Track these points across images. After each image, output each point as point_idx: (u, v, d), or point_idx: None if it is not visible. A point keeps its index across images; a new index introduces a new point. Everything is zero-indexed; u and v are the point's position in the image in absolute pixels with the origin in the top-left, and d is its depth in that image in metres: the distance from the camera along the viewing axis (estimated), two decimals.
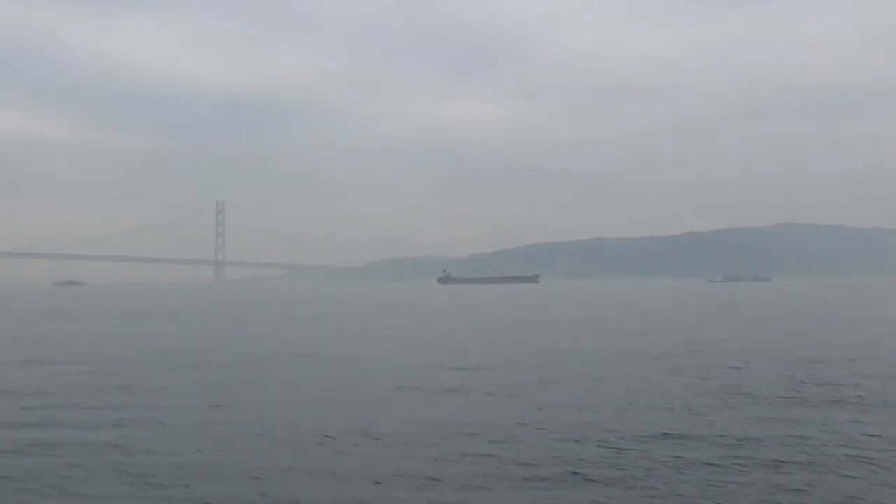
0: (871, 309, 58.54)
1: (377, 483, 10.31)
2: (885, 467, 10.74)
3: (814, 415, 14.28)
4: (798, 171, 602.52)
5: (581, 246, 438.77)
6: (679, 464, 10.95)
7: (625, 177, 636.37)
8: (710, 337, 31.52)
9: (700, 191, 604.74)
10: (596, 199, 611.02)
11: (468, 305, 75.04)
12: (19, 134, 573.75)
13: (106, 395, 17.30)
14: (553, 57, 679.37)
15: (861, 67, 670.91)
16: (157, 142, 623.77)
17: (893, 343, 28.70)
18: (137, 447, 12.19)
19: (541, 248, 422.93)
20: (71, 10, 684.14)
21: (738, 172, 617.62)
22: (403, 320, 49.35)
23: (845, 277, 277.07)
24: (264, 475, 10.64)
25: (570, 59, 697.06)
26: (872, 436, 12.51)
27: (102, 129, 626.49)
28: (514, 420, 13.99)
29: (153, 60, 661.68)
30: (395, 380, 19.45)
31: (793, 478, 10.26)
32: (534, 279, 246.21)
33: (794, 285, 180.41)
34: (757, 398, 16.05)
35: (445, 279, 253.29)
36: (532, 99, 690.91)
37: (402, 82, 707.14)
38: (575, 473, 10.59)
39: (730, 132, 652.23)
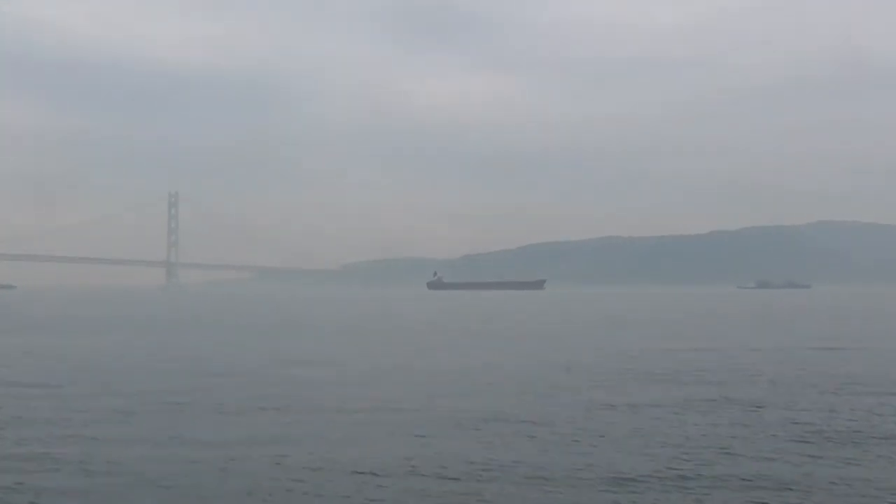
0: None
1: None
2: None
3: (847, 451, 14.03)
4: (839, 161, 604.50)
5: (590, 246, 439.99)
6: None
7: (640, 166, 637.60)
8: (747, 358, 31.29)
9: (727, 183, 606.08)
10: (607, 192, 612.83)
11: (464, 319, 74.75)
12: None
13: None
14: (552, 26, 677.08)
15: None
16: (99, 123, 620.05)
17: None
18: None
19: (544, 249, 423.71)
20: None
21: (770, 162, 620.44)
22: (377, 334, 48.97)
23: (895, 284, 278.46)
24: None
25: (572, 29, 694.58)
26: None
27: (33, 107, 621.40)
28: (505, 457, 13.69)
29: (93, 27, 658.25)
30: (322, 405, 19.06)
31: None
32: (538, 285, 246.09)
33: (836, 293, 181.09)
34: (788, 431, 15.85)
35: (436, 284, 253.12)
36: (530, 75, 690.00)
37: (376, 56, 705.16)
38: None
39: (761, 115, 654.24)
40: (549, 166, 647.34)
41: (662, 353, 32.28)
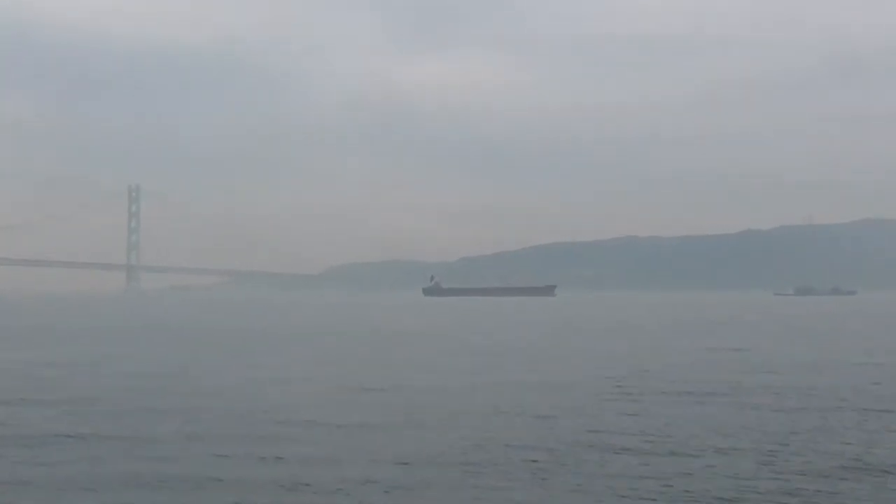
0: None
1: None
2: None
3: (892, 482, 13.90)
4: (885, 153, 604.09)
5: (606, 247, 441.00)
6: None
7: (662, 158, 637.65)
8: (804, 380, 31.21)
9: (759, 178, 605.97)
10: (625, 186, 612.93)
11: (464, 330, 74.69)
12: None
13: None
14: (563, 5, 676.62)
15: None
16: (48, 106, 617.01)
17: None
18: None
19: (553, 250, 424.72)
20: None
21: (809, 154, 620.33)
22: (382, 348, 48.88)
23: None
24: None
25: (584, 8, 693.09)
26: None
27: None
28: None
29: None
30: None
31: None
32: (549, 291, 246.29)
33: (885, 299, 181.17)
34: (823, 459, 15.70)
35: (433, 289, 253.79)
36: (537, 60, 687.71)
37: (372, 46, 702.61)
38: None
39: (799, 100, 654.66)
40: (557, 160, 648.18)
41: (682, 367, 32.27)
